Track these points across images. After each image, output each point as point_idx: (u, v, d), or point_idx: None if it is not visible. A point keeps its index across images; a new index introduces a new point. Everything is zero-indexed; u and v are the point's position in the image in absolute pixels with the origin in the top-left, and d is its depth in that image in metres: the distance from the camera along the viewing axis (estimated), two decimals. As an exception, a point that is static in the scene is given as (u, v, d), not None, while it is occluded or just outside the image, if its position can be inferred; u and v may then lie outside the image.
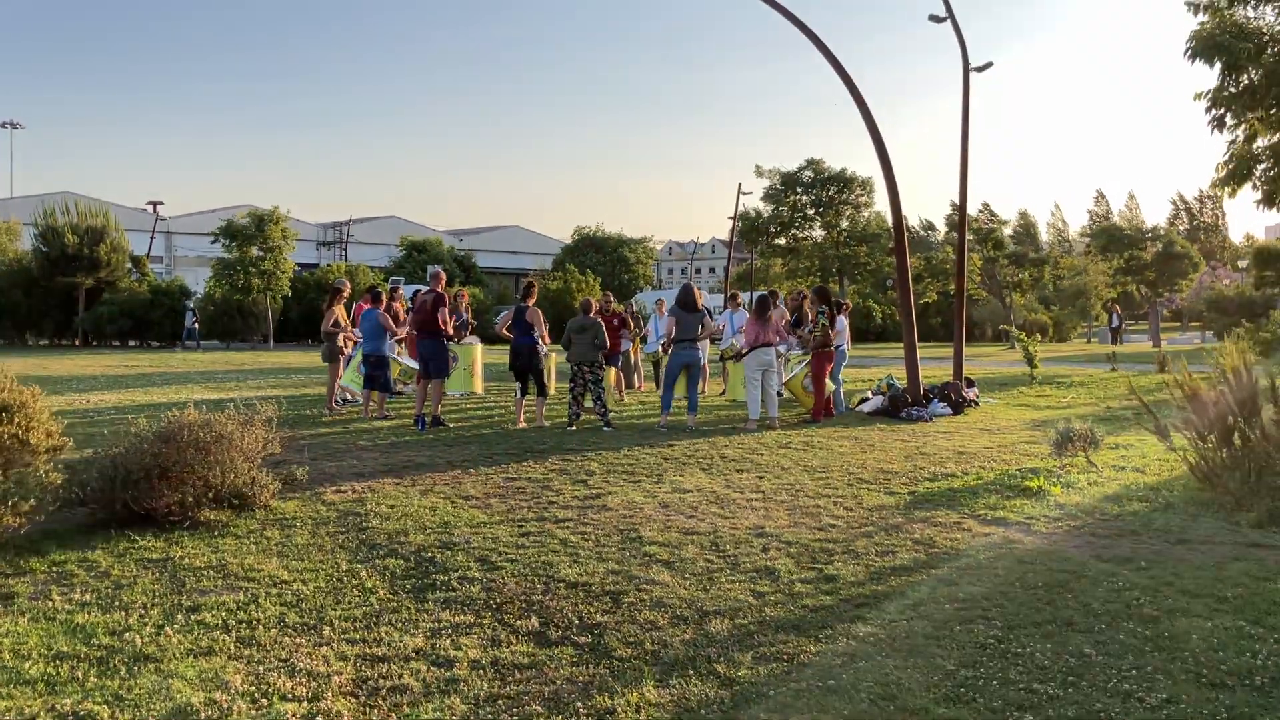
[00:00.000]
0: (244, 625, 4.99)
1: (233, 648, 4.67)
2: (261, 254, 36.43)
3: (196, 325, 33.91)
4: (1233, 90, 8.96)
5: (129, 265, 38.91)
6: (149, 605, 5.31)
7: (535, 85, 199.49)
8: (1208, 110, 9.47)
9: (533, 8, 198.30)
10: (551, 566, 6.04)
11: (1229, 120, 9.49)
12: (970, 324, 51.93)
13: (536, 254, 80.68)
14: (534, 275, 50.60)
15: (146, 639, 4.76)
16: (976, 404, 16.34)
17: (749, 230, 41.94)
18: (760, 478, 9.19)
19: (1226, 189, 9.89)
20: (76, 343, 37.09)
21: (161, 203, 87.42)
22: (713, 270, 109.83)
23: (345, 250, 76.27)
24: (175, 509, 6.91)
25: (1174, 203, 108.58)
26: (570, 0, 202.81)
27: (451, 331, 13.96)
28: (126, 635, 4.81)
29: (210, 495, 7.14)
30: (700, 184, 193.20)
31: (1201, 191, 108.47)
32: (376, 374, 13.76)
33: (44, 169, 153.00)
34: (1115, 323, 44.03)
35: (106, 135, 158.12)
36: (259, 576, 5.83)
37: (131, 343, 37.87)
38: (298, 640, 4.77)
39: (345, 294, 14.98)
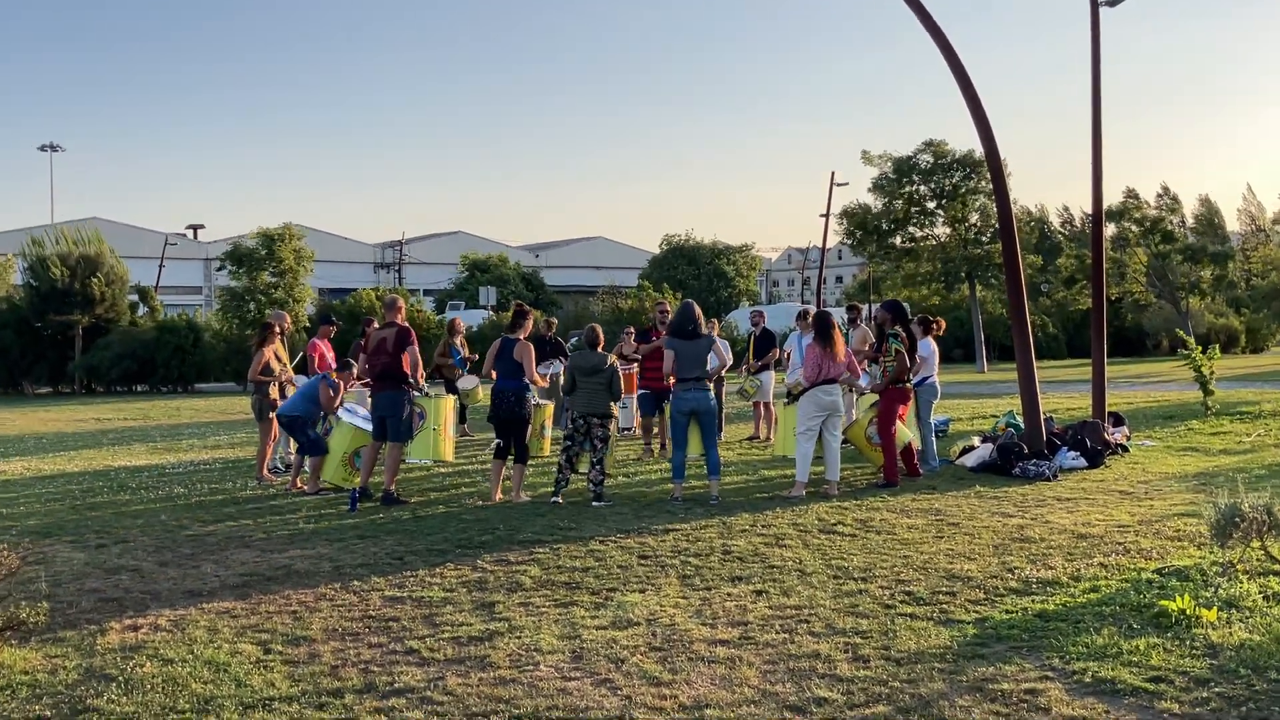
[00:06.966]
0: None
1: None
2: (275, 280, 34.99)
3: None
4: None
5: (133, 298, 37.82)
6: None
7: (621, 87, 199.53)
8: None
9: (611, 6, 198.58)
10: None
11: None
12: (1140, 335, 48.23)
13: (620, 268, 78.76)
14: (604, 292, 48.74)
15: None
16: (1125, 449, 13.84)
17: (856, 228, 39.02)
18: (758, 594, 7.03)
19: None
20: (75, 389, 35.96)
21: (202, 226, 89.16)
22: (839, 279, 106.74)
23: (400, 272, 75.71)
24: None
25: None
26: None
27: (422, 379, 12.12)
28: None
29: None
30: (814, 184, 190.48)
31: None
32: (302, 440, 11.94)
33: (82, 192, 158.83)
34: None
35: (147, 155, 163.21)
36: None
37: (140, 387, 36.47)
38: None
39: (279, 330, 13.24)
